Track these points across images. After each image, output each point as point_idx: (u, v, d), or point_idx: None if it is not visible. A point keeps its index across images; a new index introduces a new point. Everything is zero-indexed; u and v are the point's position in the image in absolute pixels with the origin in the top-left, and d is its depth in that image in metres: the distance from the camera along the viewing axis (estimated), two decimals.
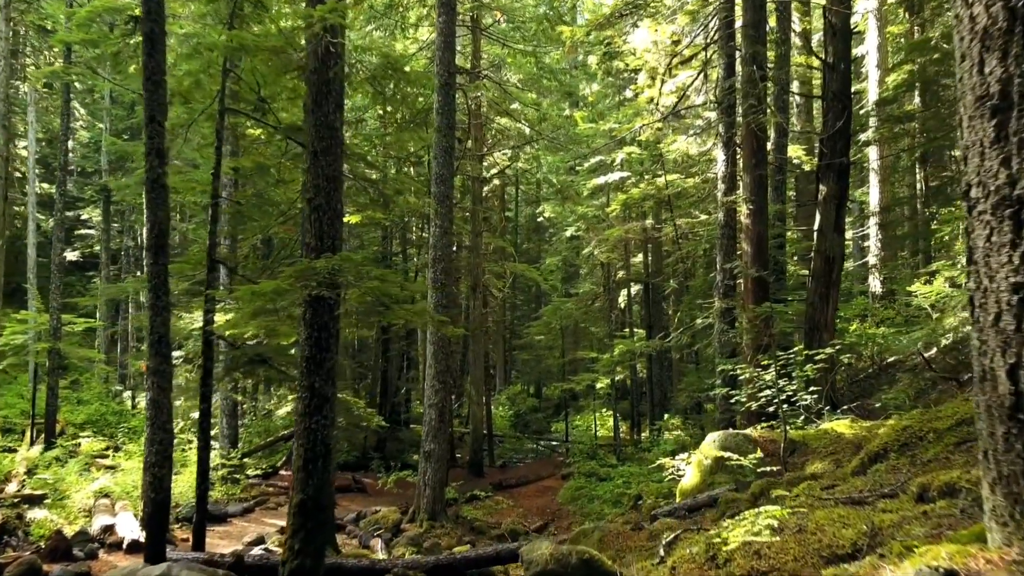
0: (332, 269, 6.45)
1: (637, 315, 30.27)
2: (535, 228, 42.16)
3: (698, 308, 19.78)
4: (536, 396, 37.85)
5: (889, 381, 14.73)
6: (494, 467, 23.01)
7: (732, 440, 8.36)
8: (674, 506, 7.84)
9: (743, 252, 12.60)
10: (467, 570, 8.15)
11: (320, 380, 6.77)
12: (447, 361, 14.25)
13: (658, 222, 23.21)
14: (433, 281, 14.23)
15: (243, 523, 13.56)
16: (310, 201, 6.93)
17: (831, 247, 12.00)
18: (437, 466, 13.98)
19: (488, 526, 14.74)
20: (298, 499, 6.61)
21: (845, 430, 8.19)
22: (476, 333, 21.57)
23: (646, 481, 15.78)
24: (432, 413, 14.07)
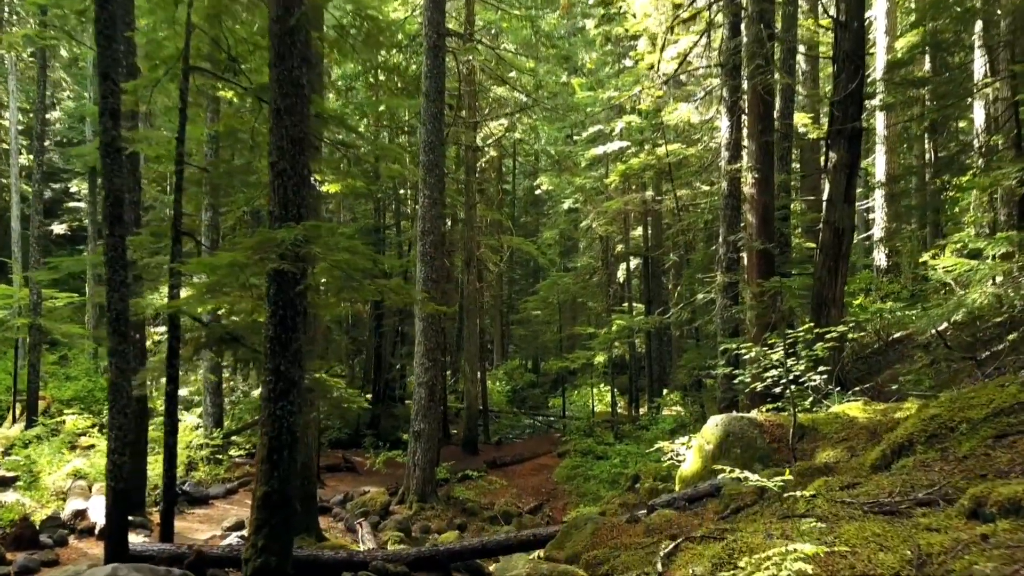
0: (296, 240, 5.82)
1: (636, 290, 29.68)
2: (533, 201, 41.42)
3: (699, 283, 19.16)
4: (534, 371, 37.39)
5: (897, 358, 14.19)
6: (489, 444, 22.55)
7: (736, 424, 7.79)
8: (673, 496, 7.29)
9: (747, 224, 11.95)
10: (451, 562, 7.63)
11: (286, 362, 6.17)
12: (437, 338, 13.67)
13: (658, 194, 22.49)
14: (422, 255, 13.59)
15: (226, 505, 13.07)
16: (273, 165, 6.28)
17: (841, 218, 11.34)
18: (427, 446, 13.46)
19: (481, 507, 14.28)
20: (262, 492, 6.05)
21: (857, 414, 7.61)
22: (471, 308, 20.98)
23: (644, 461, 15.29)
24: (422, 392, 13.52)
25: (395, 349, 26.00)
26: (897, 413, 7.18)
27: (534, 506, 14.89)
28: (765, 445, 7.50)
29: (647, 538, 6.13)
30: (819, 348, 7.67)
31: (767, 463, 7.36)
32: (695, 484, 7.78)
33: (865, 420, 7.33)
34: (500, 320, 36.39)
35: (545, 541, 7.39)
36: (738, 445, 7.62)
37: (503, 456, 19.49)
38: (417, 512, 13.15)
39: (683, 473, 8.19)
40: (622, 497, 14.35)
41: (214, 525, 11.49)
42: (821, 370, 8.18)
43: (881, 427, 6.93)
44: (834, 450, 6.79)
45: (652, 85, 16.58)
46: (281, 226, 5.97)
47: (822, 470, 5.99)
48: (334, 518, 12.66)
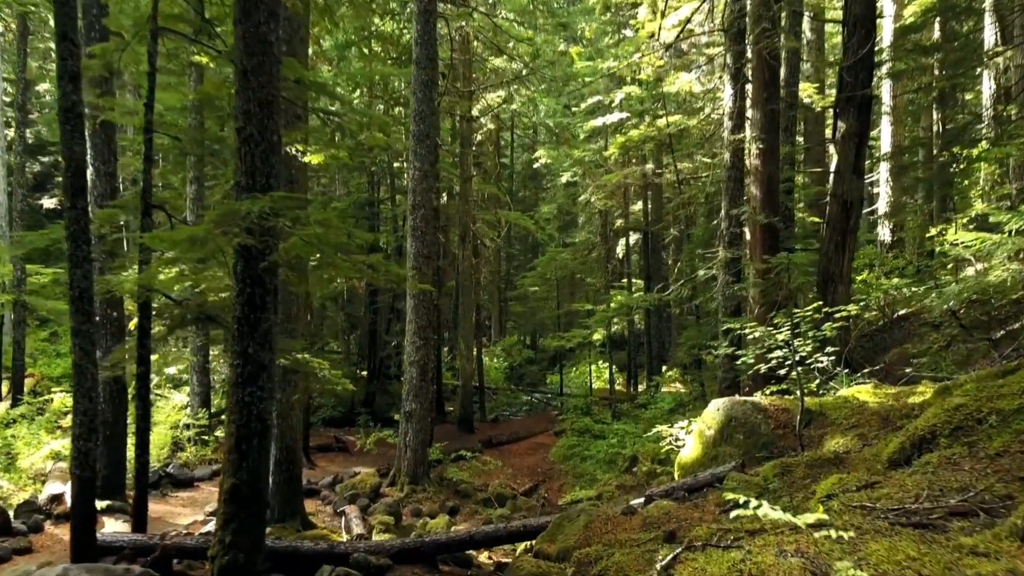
0: (261, 212, 5.33)
1: (636, 265, 29.19)
2: (532, 175, 40.79)
3: (700, 258, 18.66)
4: (532, 347, 37.03)
5: (904, 336, 13.76)
6: (485, 422, 22.20)
7: (739, 408, 7.35)
8: (672, 485, 6.87)
9: (751, 196, 11.44)
10: (437, 554, 7.24)
11: (255, 344, 5.71)
12: (429, 316, 13.21)
13: (659, 167, 21.91)
14: (413, 229, 13.10)
15: (211, 487, 12.70)
16: (240, 131, 5.77)
17: (849, 190, 10.83)
18: (419, 427, 13.07)
19: (474, 489, 13.93)
20: (229, 484, 5.62)
21: (868, 398, 7.18)
22: (466, 285, 20.52)
23: (642, 441, 14.93)
24: (413, 371, 13.09)
25: (389, 326, 25.59)
26: (911, 398, 6.74)
27: (529, 487, 14.54)
28: (769, 431, 7.08)
29: (644, 533, 5.72)
30: (827, 328, 7.22)
31: (771, 451, 6.94)
32: (695, 472, 7.37)
33: (876, 405, 6.90)
34: (498, 296, 35.93)
35: (535, 532, 7.00)
36: (740, 431, 7.20)
37: (499, 435, 19.14)
38: (408, 495, 12.80)
39: (682, 460, 7.78)
40: (619, 479, 14.02)
41: (197, 509, 11.13)
42: (828, 351, 7.74)
43: (894, 413, 6.49)
44: (844, 438, 6.35)
45: (652, 53, 15.96)
46: (247, 197, 5.48)
47: (832, 461, 5.56)
48: (323, 501, 12.30)
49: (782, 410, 7.31)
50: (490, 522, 12.18)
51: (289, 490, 10.12)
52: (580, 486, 14.35)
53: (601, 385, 26.78)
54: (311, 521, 10.59)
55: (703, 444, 7.52)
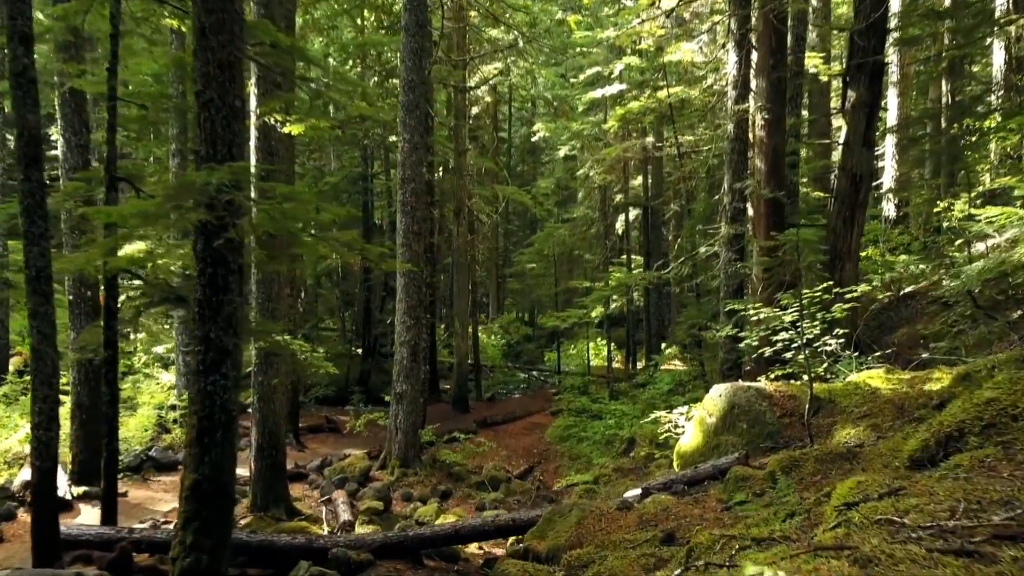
0: (220, 185, 4.83)
1: (636, 241, 28.67)
2: (530, 149, 40.10)
3: (701, 235, 18.15)
4: (530, 324, 36.62)
5: (911, 315, 13.32)
6: (481, 401, 21.84)
7: (742, 395, 6.91)
8: (670, 477, 6.45)
9: (755, 170, 10.91)
10: (421, 548, 6.83)
11: (217, 329, 5.24)
12: (419, 295, 12.74)
13: (659, 140, 21.30)
14: (403, 204, 12.58)
15: None
16: (199, 95, 5.24)
17: (859, 163, 10.32)
18: (410, 408, 12.66)
19: (468, 471, 13.55)
20: (191, 480, 5.18)
21: (880, 384, 6.73)
22: (461, 262, 20.03)
23: (639, 423, 14.55)
24: (404, 351, 12.65)
25: (384, 303, 25.15)
26: (927, 384, 6.29)
27: (524, 470, 14.18)
28: (775, 420, 6.64)
29: (640, 532, 5.30)
30: (837, 310, 6.75)
31: (777, 441, 6.51)
32: (695, 463, 6.94)
33: (889, 392, 6.45)
34: (495, 273, 35.47)
35: (525, 527, 6.60)
36: (744, 419, 6.76)
37: (494, 415, 18.77)
38: (399, 478, 12.42)
39: (682, 448, 7.35)
40: (616, 462, 13.64)
41: (177, 495, 10.72)
42: (837, 333, 7.29)
43: (909, 402, 6.04)
44: (855, 428, 5.91)
45: (653, 20, 15.32)
46: (206, 168, 4.98)
47: (845, 456, 5.12)
48: (310, 485, 11.93)
49: (788, 397, 6.87)
50: (483, 507, 11.84)
51: (272, 476, 9.73)
52: (576, 469, 13.99)
53: (599, 362, 26.39)
54: (296, 507, 10.21)
55: (704, 432, 7.09)
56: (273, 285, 9.65)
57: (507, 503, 12.16)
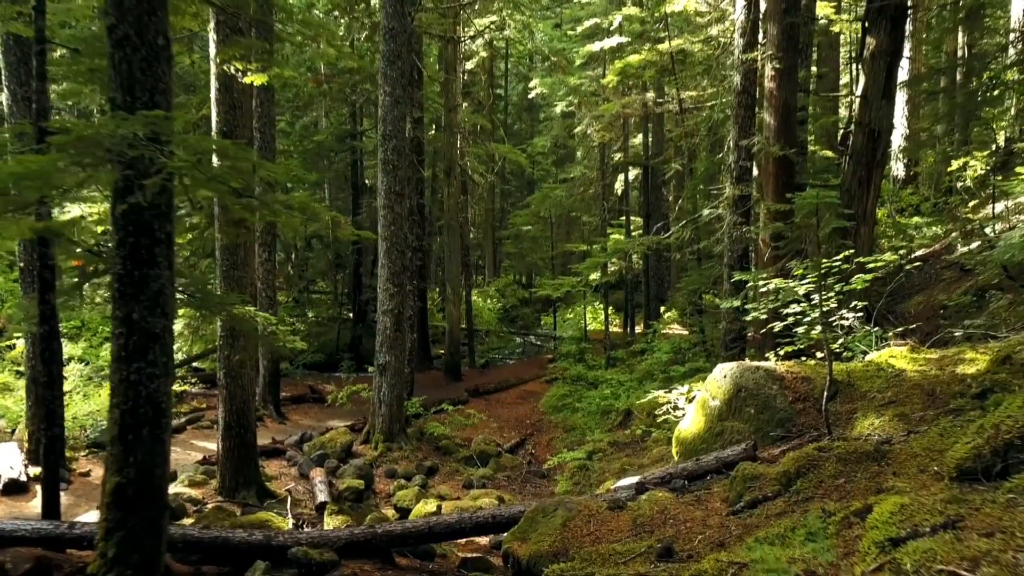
0: (134, 140, 4.02)
1: (635, 202, 27.79)
2: (528, 107, 38.93)
3: (703, 195, 17.30)
4: (527, 287, 35.90)
5: (925, 281, 12.59)
6: (475, 369, 21.22)
7: (750, 377, 6.19)
8: (668, 471, 5.75)
9: (764, 125, 10.05)
10: (392, 546, 6.18)
11: (142, 309, 4.48)
12: (403, 260, 11.96)
13: (660, 96, 20.28)
14: (384, 163, 11.73)
15: None
16: (111, 32, 4.41)
17: (877, 118, 9.46)
18: (393, 381, 11.98)
19: (456, 445, 12.94)
20: (114, 484, 4.47)
21: (905, 364, 6.00)
22: (453, 224, 19.19)
23: (637, 393, 13.90)
24: (387, 320, 11.93)
25: (373, 267, 24.32)
26: (959, 367, 5.56)
27: (516, 443, 13.57)
28: (786, 405, 5.92)
29: (634, 541, 4.62)
30: (857, 281, 5.98)
31: (789, 429, 5.80)
32: (696, 451, 6.25)
33: (916, 374, 5.73)
34: (492, 234, 34.66)
35: (506, 524, 5.92)
36: (752, 404, 6.05)
37: (487, 383, 18.13)
38: (383, 453, 11.80)
39: (682, 433, 6.65)
40: (612, 435, 13.01)
41: None
42: (855, 306, 6.55)
43: (941, 387, 5.32)
44: (880, 418, 5.20)
45: None
46: (116, 116, 4.16)
47: (872, 456, 4.40)
48: (288, 462, 11.29)
49: (801, 379, 6.14)
50: (470, 484, 11.24)
51: (241, 457, 9.07)
52: (570, 442, 13.38)
53: (597, 327, 25.72)
54: (269, 488, 9.59)
55: (707, 417, 6.38)
56: (239, 251, 8.87)
57: (496, 480, 11.57)
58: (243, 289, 8.91)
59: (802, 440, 5.57)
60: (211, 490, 9.19)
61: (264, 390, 14.03)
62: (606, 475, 10.38)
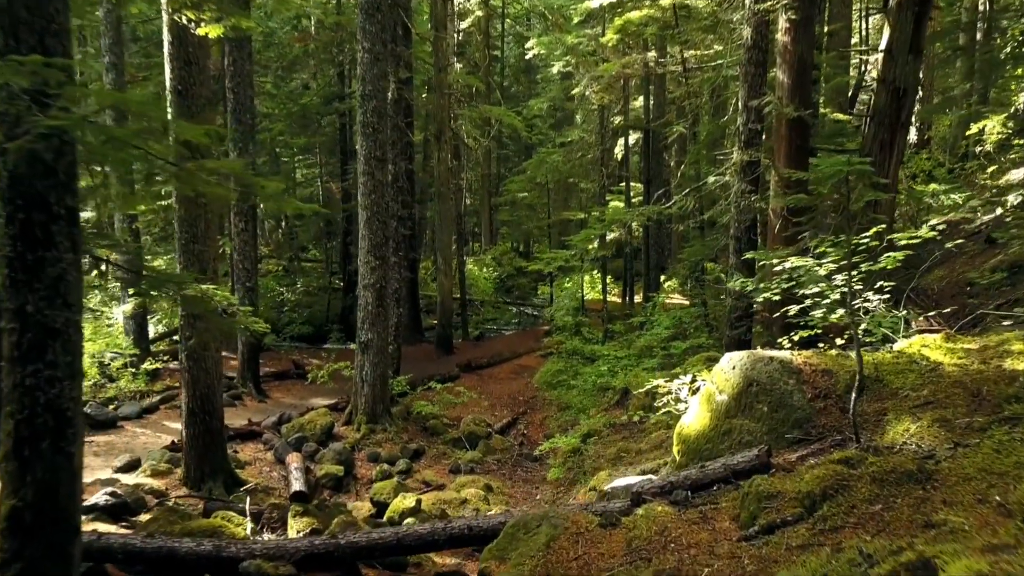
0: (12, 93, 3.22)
1: (636, 167, 26.85)
2: (525, 68, 37.73)
3: (707, 161, 16.42)
4: (525, 256, 35.09)
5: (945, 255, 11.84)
6: (468, 341, 20.52)
7: (762, 369, 5.44)
8: (669, 479, 5.04)
9: (777, 83, 9.16)
10: (357, 559, 5.50)
11: (38, 299, 3.72)
12: (384, 231, 11.16)
13: (662, 55, 19.24)
14: (363, 125, 10.87)
15: (136, 429, 11.00)
16: None
17: (903, 75, 8.60)
18: (377, 359, 11.28)
19: (444, 425, 12.29)
20: (8, 508, 3.76)
21: (940, 356, 5.25)
22: (444, 191, 18.32)
23: (635, 371, 13.22)
24: (368, 296, 11.18)
25: None
26: (1006, 360, 4.82)
27: (507, 423, 12.92)
28: (804, 403, 5.19)
29: (628, 568, 3.91)
30: (888, 260, 5.20)
31: (808, 431, 5.07)
32: (701, 452, 5.54)
33: (955, 369, 4.98)
34: (488, 201, 33.75)
35: (484, 537, 5.23)
36: (764, 400, 5.31)
37: (479, 357, 17.45)
38: (366, 435, 11.14)
39: (685, 430, 5.92)
40: (608, 415, 12.35)
41: (110, 458, 9.42)
42: (881, 287, 5.79)
43: (988, 385, 4.58)
44: (916, 423, 4.46)
45: None
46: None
47: (915, 476, 3.67)
48: (265, 445, 10.63)
49: (821, 372, 5.39)
50: (457, 469, 10.60)
51: (206, 444, 8.38)
52: (564, 422, 12.73)
53: (595, 296, 24.98)
54: (239, 477, 8.92)
55: (713, 413, 5.65)
56: (199, 223, 8.07)
57: (485, 464, 10.93)
58: (204, 264, 8.13)
59: (823, 445, 4.84)
60: (175, 480, 8.52)
61: (243, 367, 13.35)
62: (601, 461, 9.73)
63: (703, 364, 10.43)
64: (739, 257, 9.61)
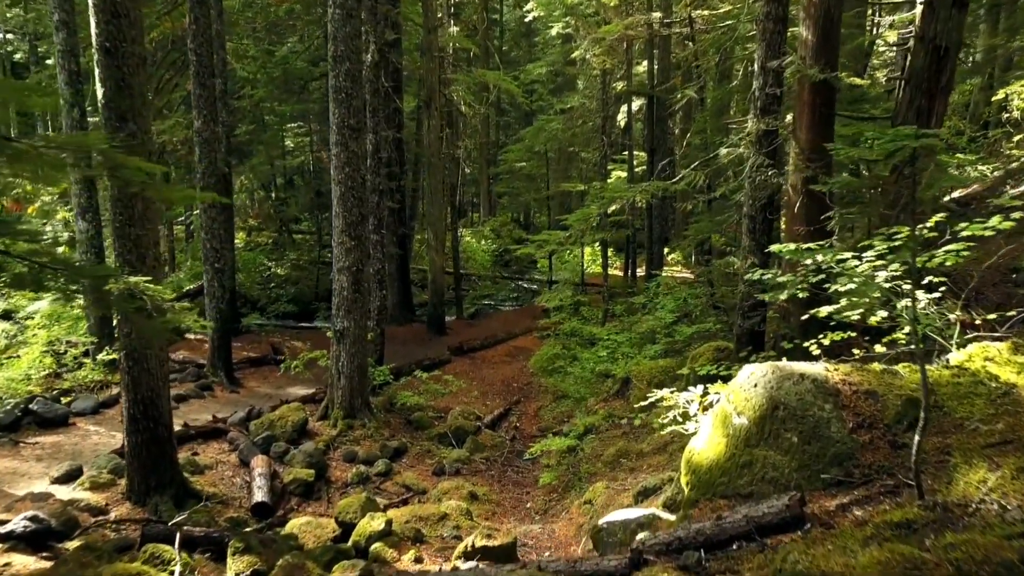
0: None
1: (639, 135, 25.61)
2: (526, 32, 36.30)
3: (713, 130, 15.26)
4: (525, 227, 34.01)
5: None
6: (462, 320, 19.57)
7: (791, 388, 4.44)
8: (677, 533, 4.06)
9: (800, 41, 8.02)
10: None
11: None
12: (361, 208, 10.09)
13: (667, 16, 17.96)
14: (336, 90, 9.77)
15: (90, 427, 10.08)
16: None
17: (945, 31, 7.47)
18: (354, 349, 10.31)
19: (430, 418, 11.40)
20: None
21: (1012, 375, 4.26)
22: (434, 161, 17.19)
23: (636, 356, 12.26)
24: (344, 280, 10.18)
25: None
26: None
27: (499, 413, 12.00)
28: (845, 435, 4.20)
29: None
30: (947, 256, 4.18)
31: (850, 470, 4.08)
32: (715, 487, 4.56)
33: None
34: (486, 170, 32.55)
35: None
36: (794, 429, 4.33)
37: (473, 339, 16.50)
38: (342, 432, 10.22)
39: (695, 458, 4.94)
40: (608, 406, 11.41)
41: (50, 467, 8.48)
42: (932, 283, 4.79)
43: None
44: (994, 471, 3.47)
45: None
46: None
47: (1017, 570, 2.68)
48: (230, 445, 9.69)
49: (864, 394, 4.39)
50: (441, 470, 9.72)
51: (152, 454, 7.44)
52: (560, 413, 11.81)
53: (596, 269, 23.96)
54: (193, 488, 8.00)
55: (729, 438, 4.66)
56: (135, 203, 7.03)
57: (473, 463, 10.02)
58: (143, 251, 7.12)
59: (871, 491, 3.87)
60: (119, 494, 7.60)
61: (213, 354, 12.40)
62: (598, 464, 8.82)
63: (712, 357, 9.45)
64: (753, 238, 8.57)
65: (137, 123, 7.04)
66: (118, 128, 6.90)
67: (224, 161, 14.65)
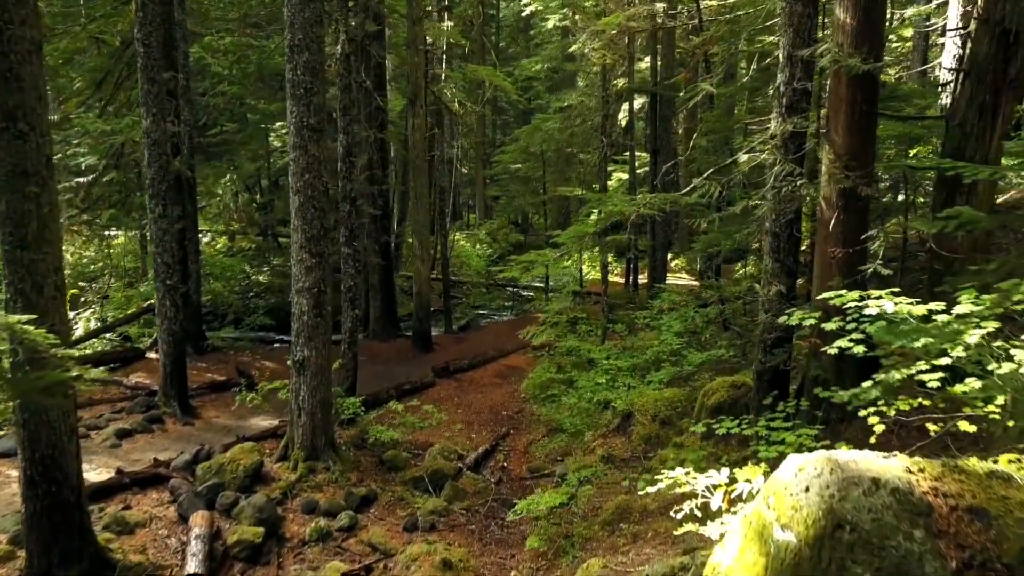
0: None
1: (641, 134, 24.32)
2: (523, 28, 35.00)
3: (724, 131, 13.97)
4: (523, 230, 32.70)
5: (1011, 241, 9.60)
6: (451, 334, 18.24)
7: (862, 501, 3.14)
8: None
9: (837, 25, 6.72)
10: None
11: None
12: (323, 220, 8.78)
13: (672, 7, 16.65)
14: (292, 85, 8.46)
15: (12, 471, 8.78)
16: None
17: (1016, 12, 6.18)
18: (315, 381, 9.02)
19: (406, 457, 10.15)
20: None
21: None
22: (419, 163, 15.88)
23: (638, 385, 10.97)
24: (303, 303, 8.88)
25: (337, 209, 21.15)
26: None
27: (484, 451, 10.70)
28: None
29: None
30: None
31: None
32: None
33: None
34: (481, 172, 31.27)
35: None
36: (867, 564, 3.03)
37: (460, 358, 15.20)
38: (303, 476, 8.92)
39: None
40: (607, 443, 10.13)
41: None
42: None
43: None
44: None
45: None
46: None
47: None
48: (170, 494, 8.38)
49: (967, 513, 3.08)
50: (414, 525, 8.41)
51: (55, 523, 6.15)
52: (552, 451, 10.51)
53: (595, 275, 22.70)
54: (110, 558, 6.71)
55: (772, 562, 3.36)
56: (29, 220, 5.74)
57: (451, 515, 8.71)
58: (39, 279, 5.83)
59: None
60: (15, 570, 6.32)
61: (165, 381, 11.10)
62: (594, 525, 7.51)
63: (727, 396, 8.16)
64: (777, 259, 7.27)
65: (29, 122, 5.76)
66: (3, 128, 5.63)
67: (185, 163, 13.36)
